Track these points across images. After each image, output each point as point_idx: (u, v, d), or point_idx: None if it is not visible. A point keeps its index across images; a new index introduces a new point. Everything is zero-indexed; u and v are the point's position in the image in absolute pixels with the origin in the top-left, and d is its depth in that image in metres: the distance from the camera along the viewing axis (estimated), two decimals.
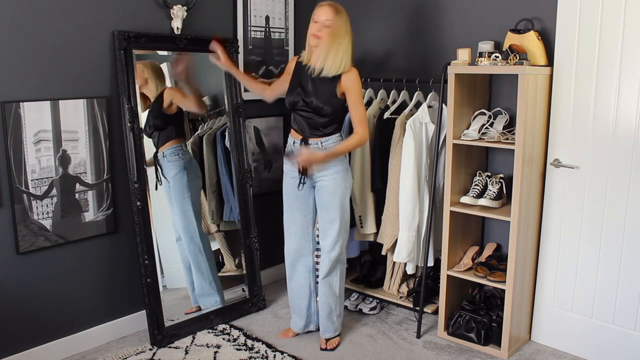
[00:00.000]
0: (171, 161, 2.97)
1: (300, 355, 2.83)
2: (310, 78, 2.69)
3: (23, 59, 2.48)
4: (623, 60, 2.51)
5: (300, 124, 2.73)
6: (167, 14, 2.97)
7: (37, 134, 2.55)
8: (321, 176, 2.72)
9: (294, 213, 2.85)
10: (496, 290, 2.99)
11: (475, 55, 2.79)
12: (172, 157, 2.97)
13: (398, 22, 3.41)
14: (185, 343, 2.90)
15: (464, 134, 2.84)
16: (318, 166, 2.68)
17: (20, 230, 2.54)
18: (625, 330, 2.66)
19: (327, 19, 2.57)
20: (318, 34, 2.59)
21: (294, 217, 2.85)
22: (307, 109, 2.68)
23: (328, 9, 2.57)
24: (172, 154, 2.98)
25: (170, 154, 2.97)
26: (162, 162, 2.95)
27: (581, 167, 2.70)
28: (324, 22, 2.57)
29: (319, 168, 2.68)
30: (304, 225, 2.86)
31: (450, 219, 2.90)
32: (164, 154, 2.96)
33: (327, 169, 2.70)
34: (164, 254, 2.99)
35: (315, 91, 2.66)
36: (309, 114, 2.69)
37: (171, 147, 2.99)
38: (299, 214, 2.84)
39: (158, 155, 2.96)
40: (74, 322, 2.81)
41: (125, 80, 2.76)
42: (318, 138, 2.70)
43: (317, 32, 2.59)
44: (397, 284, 3.23)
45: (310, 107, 2.67)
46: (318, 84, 2.66)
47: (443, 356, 2.83)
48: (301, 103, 2.69)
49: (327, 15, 2.57)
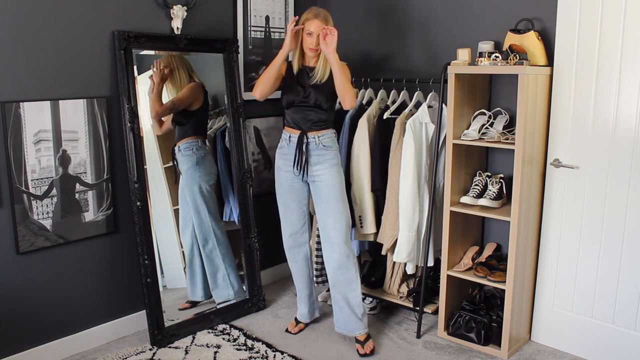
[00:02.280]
0: (185, 155, 3.04)
1: (300, 355, 2.83)
2: (308, 76, 2.79)
3: (23, 59, 2.48)
4: (623, 60, 2.51)
5: (296, 120, 2.80)
6: (167, 14, 2.97)
7: (37, 134, 2.55)
8: (316, 171, 2.79)
9: (289, 205, 2.92)
10: (496, 290, 2.99)
11: (475, 55, 2.79)
12: (186, 152, 3.04)
13: (398, 22, 3.41)
14: (185, 343, 2.90)
15: (464, 134, 2.85)
16: (332, 52, 2.64)
17: (20, 230, 2.54)
18: (625, 330, 2.66)
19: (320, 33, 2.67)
20: (316, 47, 2.71)
21: (290, 208, 2.93)
22: (306, 104, 2.77)
23: (318, 23, 2.68)
24: (186, 148, 3.04)
25: (184, 149, 3.04)
26: (178, 156, 3.04)
27: (581, 167, 2.70)
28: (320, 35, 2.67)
29: (332, 52, 2.64)
30: (300, 216, 2.94)
31: (450, 219, 2.90)
32: (180, 148, 3.04)
33: (322, 162, 2.78)
34: (164, 254, 3.00)
35: (315, 88, 2.75)
36: (308, 109, 2.77)
37: (186, 142, 3.06)
38: (294, 205, 2.92)
39: (175, 149, 3.02)
40: (74, 322, 2.81)
41: (125, 80, 2.76)
42: (316, 132, 2.78)
43: (315, 47, 2.70)
44: (397, 284, 3.23)
45: (310, 103, 2.76)
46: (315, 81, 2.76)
47: (443, 356, 2.83)
48: (300, 100, 2.77)
49: (320, 29, 2.66)
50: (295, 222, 2.94)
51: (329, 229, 2.81)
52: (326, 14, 2.72)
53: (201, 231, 3.11)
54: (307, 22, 2.70)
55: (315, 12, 2.70)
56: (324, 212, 2.81)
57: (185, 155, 3.03)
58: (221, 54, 3.21)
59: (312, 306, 3.12)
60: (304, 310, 3.11)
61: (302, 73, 2.81)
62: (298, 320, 3.13)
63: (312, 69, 2.79)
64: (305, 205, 2.94)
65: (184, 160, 3.04)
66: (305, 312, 3.11)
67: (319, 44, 2.68)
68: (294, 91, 2.78)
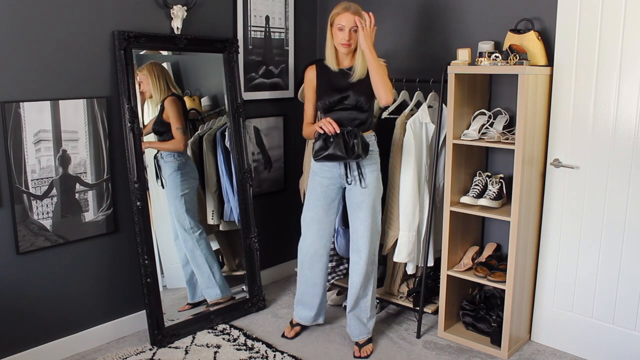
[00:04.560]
0: (167, 162, 3.04)
1: (301, 355, 2.83)
2: (344, 77, 2.70)
3: (23, 59, 2.48)
4: (623, 60, 2.51)
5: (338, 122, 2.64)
6: (167, 14, 2.97)
7: (37, 134, 2.55)
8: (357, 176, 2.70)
9: (318, 212, 2.80)
10: (496, 290, 2.99)
11: (475, 55, 2.79)
12: (168, 158, 3.05)
13: (398, 22, 3.41)
14: (185, 343, 2.90)
15: (464, 134, 2.85)
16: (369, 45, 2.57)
17: (20, 230, 2.54)
18: (625, 330, 2.66)
19: (353, 27, 2.60)
20: (349, 42, 2.61)
21: (318, 215, 2.80)
22: (347, 106, 2.68)
23: (349, 15, 2.59)
24: (168, 155, 3.05)
25: (166, 155, 3.04)
26: (160, 162, 3.04)
27: (581, 167, 2.70)
28: (352, 29, 2.59)
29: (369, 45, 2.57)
30: (326, 225, 2.83)
31: (450, 219, 2.90)
32: (162, 155, 3.04)
33: (364, 166, 2.70)
34: (164, 254, 3.00)
35: (354, 88, 2.67)
36: (348, 112, 2.69)
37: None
38: (323, 213, 2.80)
39: (157, 156, 3.02)
40: (74, 322, 2.81)
41: (125, 80, 2.76)
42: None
43: (348, 42, 2.61)
44: (397, 284, 3.23)
45: (350, 104, 2.67)
46: (355, 81, 2.68)
47: (443, 356, 2.83)
48: (338, 101, 2.68)
49: (351, 23, 2.59)
50: (320, 230, 2.82)
51: (358, 236, 2.75)
52: (357, 7, 2.61)
53: (182, 233, 3.09)
54: (337, 17, 2.60)
55: (345, 5, 2.60)
56: (356, 219, 2.75)
57: (167, 161, 3.04)
58: (221, 54, 3.21)
59: (318, 312, 3.01)
60: (309, 314, 3.00)
61: (337, 74, 2.71)
62: (294, 323, 3.06)
63: (348, 70, 2.70)
64: (334, 214, 2.83)
65: (166, 166, 3.04)
66: (311, 316, 3.00)
67: (351, 39, 2.60)
68: (331, 94, 2.68)
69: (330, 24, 2.66)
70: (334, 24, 2.64)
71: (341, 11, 2.61)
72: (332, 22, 2.64)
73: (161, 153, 3.03)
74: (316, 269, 2.90)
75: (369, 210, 2.72)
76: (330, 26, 2.67)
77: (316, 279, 2.92)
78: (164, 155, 3.03)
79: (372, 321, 2.90)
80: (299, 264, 2.96)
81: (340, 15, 2.60)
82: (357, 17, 2.59)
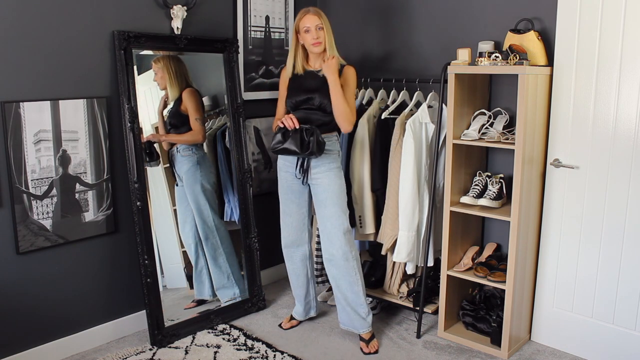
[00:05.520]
0: (185, 156, 3.03)
1: (301, 355, 2.83)
2: (313, 79, 2.81)
3: (23, 59, 2.48)
4: (623, 60, 2.51)
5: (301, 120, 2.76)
6: (167, 14, 2.97)
7: (37, 134, 2.55)
8: (315, 174, 2.80)
9: (289, 205, 2.95)
10: (496, 290, 2.99)
11: (475, 55, 2.79)
12: (185, 152, 3.03)
13: (398, 22, 3.41)
14: (185, 343, 2.90)
15: (464, 134, 2.84)
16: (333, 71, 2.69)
17: (20, 230, 2.54)
18: (625, 330, 2.66)
19: (318, 24, 2.74)
20: (318, 40, 2.74)
21: (289, 209, 2.96)
22: (311, 107, 2.79)
23: (314, 16, 2.75)
24: (185, 148, 3.04)
25: (184, 149, 3.03)
26: (176, 157, 3.02)
27: (581, 167, 2.70)
28: (317, 27, 2.73)
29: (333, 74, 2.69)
30: (300, 217, 2.96)
31: (450, 219, 2.90)
32: (178, 149, 3.02)
33: (320, 166, 2.79)
34: (164, 254, 3.00)
35: (321, 91, 2.77)
36: (312, 112, 2.79)
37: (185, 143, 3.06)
38: (294, 206, 2.94)
39: (172, 150, 3.01)
40: (74, 322, 2.81)
41: (125, 80, 2.76)
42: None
43: (316, 40, 2.74)
44: (397, 284, 3.23)
45: (315, 105, 2.78)
46: (321, 84, 2.78)
47: (443, 356, 2.83)
48: (304, 101, 2.79)
49: (315, 21, 2.73)
50: (293, 222, 2.97)
51: (326, 232, 2.83)
52: (315, 8, 2.80)
53: (204, 231, 3.11)
54: (301, 21, 2.76)
55: (304, 10, 2.79)
56: (322, 216, 2.84)
57: (185, 155, 3.03)
58: (221, 54, 3.21)
59: (307, 305, 3.15)
60: (299, 308, 3.15)
61: (306, 75, 2.84)
62: (292, 317, 3.18)
63: (318, 72, 2.81)
64: (304, 206, 2.96)
65: (184, 160, 3.03)
66: (301, 311, 3.15)
67: (319, 37, 2.72)
68: (299, 94, 2.81)
69: (297, 32, 2.79)
70: (300, 30, 2.77)
71: (302, 15, 2.77)
72: (298, 29, 2.78)
73: (177, 147, 3.01)
74: (296, 259, 3.05)
75: (333, 207, 2.80)
76: (296, 34, 2.80)
77: (298, 270, 3.07)
78: (180, 149, 3.01)
79: (371, 316, 2.93)
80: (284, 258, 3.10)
81: (303, 19, 2.75)
82: (317, 15, 2.74)
